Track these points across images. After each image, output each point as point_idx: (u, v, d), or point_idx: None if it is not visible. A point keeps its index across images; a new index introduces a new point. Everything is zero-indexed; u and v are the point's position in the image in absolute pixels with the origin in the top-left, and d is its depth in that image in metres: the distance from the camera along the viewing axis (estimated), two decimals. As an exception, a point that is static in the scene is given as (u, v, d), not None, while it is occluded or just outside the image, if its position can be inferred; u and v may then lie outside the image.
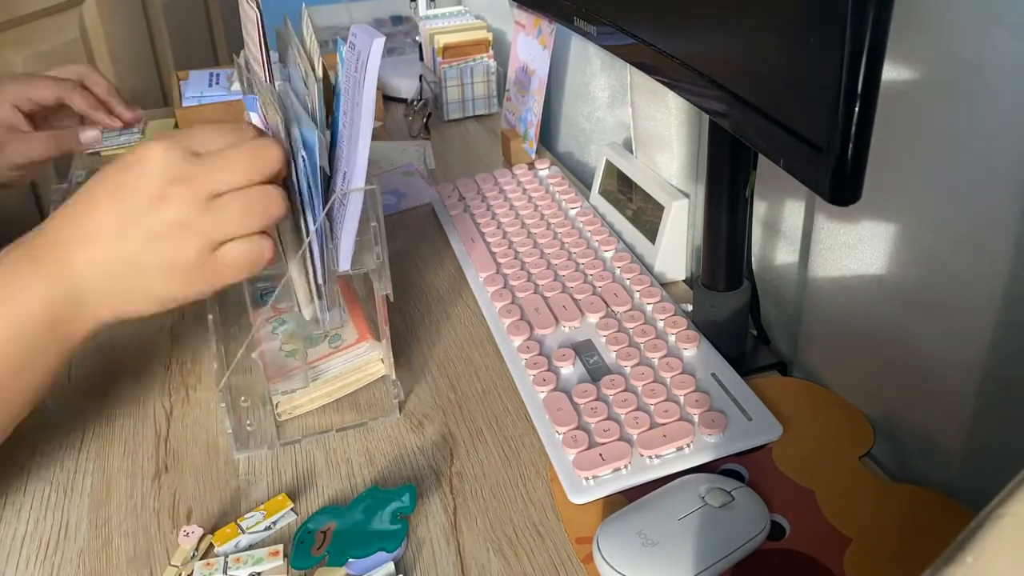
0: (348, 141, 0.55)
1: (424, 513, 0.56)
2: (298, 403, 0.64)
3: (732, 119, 0.51)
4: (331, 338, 0.67)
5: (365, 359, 0.66)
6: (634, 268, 0.76)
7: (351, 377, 0.66)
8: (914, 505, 0.53)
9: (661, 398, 0.61)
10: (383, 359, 0.66)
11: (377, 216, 0.57)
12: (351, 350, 0.66)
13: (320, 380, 0.65)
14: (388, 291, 0.60)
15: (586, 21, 0.71)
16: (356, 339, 0.67)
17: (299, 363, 0.65)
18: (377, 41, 0.51)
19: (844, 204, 0.42)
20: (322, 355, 0.66)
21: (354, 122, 0.54)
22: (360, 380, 0.67)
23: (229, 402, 0.62)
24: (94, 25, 1.62)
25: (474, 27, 1.19)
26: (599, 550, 0.50)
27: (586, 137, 1.05)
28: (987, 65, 0.45)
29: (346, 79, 0.55)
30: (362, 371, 0.67)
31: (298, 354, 0.65)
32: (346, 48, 0.55)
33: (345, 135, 0.56)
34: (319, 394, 0.65)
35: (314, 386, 0.65)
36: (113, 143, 1.17)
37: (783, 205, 0.69)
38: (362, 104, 0.53)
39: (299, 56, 0.60)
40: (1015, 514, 0.25)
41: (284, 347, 0.67)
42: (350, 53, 0.54)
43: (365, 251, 0.59)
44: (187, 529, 0.54)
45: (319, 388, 0.65)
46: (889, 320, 0.57)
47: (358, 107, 0.53)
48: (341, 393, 0.66)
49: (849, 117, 0.40)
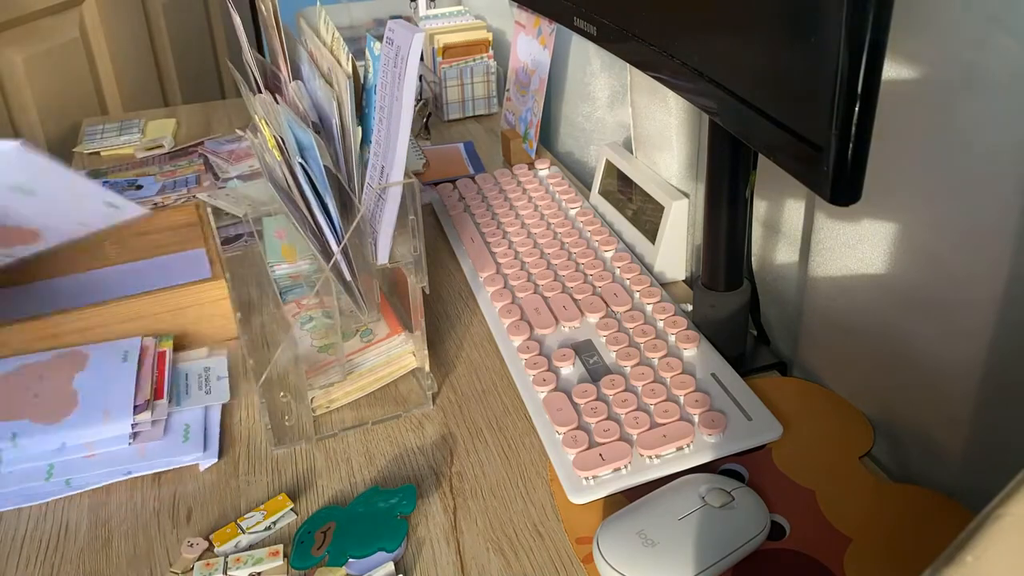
0: (387, 136, 0.55)
1: (424, 513, 0.56)
2: (334, 397, 0.65)
3: (732, 119, 0.51)
4: (363, 332, 0.68)
5: (398, 352, 0.67)
6: (634, 268, 0.76)
7: (384, 370, 0.67)
8: (914, 505, 0.53)
9: (661, 398, 0.61)
10: (415, 352, 0.67)
11: (416, 210, 0.58)
12: (383, 343, 0.67)
13: (355, 374, 0.66)
14: (424, 283, 0.61)
15: (586, 21, 0.71)
16: (388, 333, 0.68)
17: (333, 358, 0.65)
18: (417, 36, 0.51)
19: (844, 204, 0.42)
20: (356, 349, 0.67)
21: (393, 116, 0.54)
22: (393, 373, 0.67)
23: (269, 398, 0.62)
24: (94, 25, 1.62)
25: (474, 27, 1.19)
26: (599, 550, 0.50)
27: (586, 137, 1.05)
28: (987, 65, 0.45)
29: (383, 74, 0.55)
30: (395, 364, 0.67)
31: (332, 349, 0.66)
32: (382, 44, 0.54)
33: (383, 129, 0.55)
34: (354, 387, 0.66)
35: (349, 380, 0.65)
36: (112, 142, 1.17)
37: (783, 205, 0.69)
38: (402, 99, 0.53)
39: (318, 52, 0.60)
40: (1015, 514, 0.25)
41: (315, 343, 0.68)
42: (388, 48, 0.54)
43: (402, 244, 0.60)
44: (192, 540, 0.54)
45: (354, 382, 0.66)
46: (889, 320, 0.57)
47: (398, 102, 0.53)
48: (375, 386, 0.67)
49: (849, 117, 0.40)
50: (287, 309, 0.69)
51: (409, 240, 0.59)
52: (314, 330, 0.69)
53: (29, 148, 0.57)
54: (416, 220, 0.58)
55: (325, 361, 0.66)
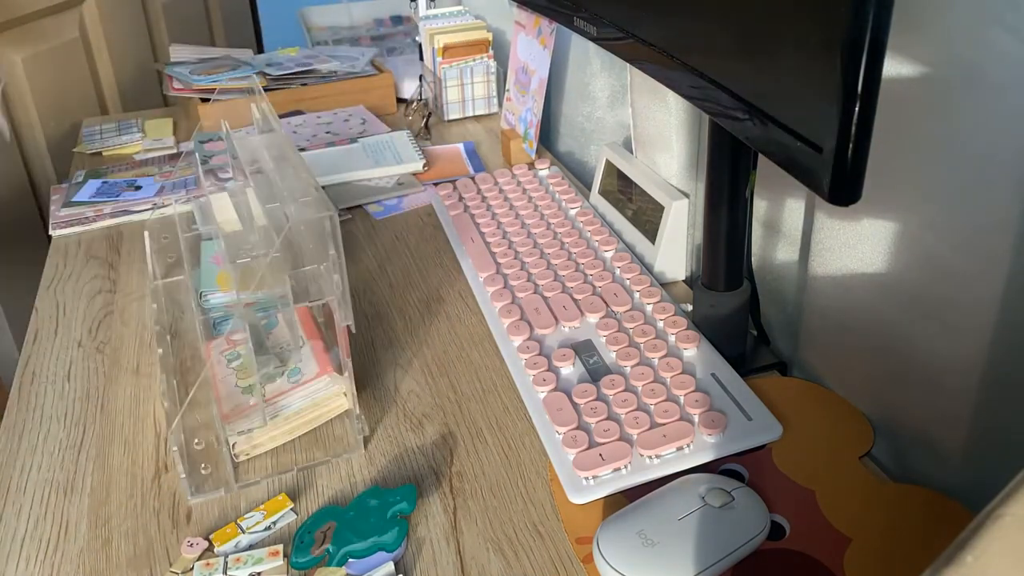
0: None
1: (424, 513, 0.56)
2: (257, 442, 0.61)
3: (732, 119, 0.51)
4: (290, 372, 0.64)
5: (326, 394, 0.63)
6: (634, 268, 0.76)
7: (312, 413, 0.63)
8: (914, 505, 0.53)
9: (661, 398, 0.61)
10: (346, 393, 0.63)
11: (336, 245, 0.55)
12: (311, 384, 0.63)
13: (280, 417, 0.62)
14: (350, 321, 0.58)
15: (586, 21, 0.71)
16: (317, 373, 0.63)
17: (256, 400, 0.61)
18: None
19: (844, 204, 0.42)
20: (281, 391, 0.63)
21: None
22: (322, 416, 0.64)
23: (182, 444, 0.59)
24: (94, 25, 1.62)
25: (474, 27, 1.19)
26: (599, 550, 0.50)
27: (586, 137, 1.05)
28: (987, 65, 0.45)
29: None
30: (324, 406, 0.63)
31: (255, 390, 0.62)
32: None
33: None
34: (279, 432, 0.62)
35: (273, 424, 0.61)
36: (113, 143, 1.17)
37: (783, 205, 0.69)
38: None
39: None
40: (1015, 514, 0.25)
41: (239, 383, 0.63)
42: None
43: (324, 280, 0.57)
44: (192, 540, 0.54)
45: (279, 426, 0.62)
46: (889, 320, 0.57)
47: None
48: (302, 431, 0.63)
49: (849, 117, 0.40)
50: (215, 344, 0.65)
51: (332, 276, 0.56)
52: (240, 369, 0.65)
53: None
54: (337, 255, 0.55)
55: (248, 404, 0.62)
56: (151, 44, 1.82)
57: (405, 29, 1.66)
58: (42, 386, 0.71)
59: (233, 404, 0.62)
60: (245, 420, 0.61)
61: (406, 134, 1.11)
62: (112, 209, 0.97)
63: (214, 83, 1.17)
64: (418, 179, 1.02)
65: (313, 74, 1.24)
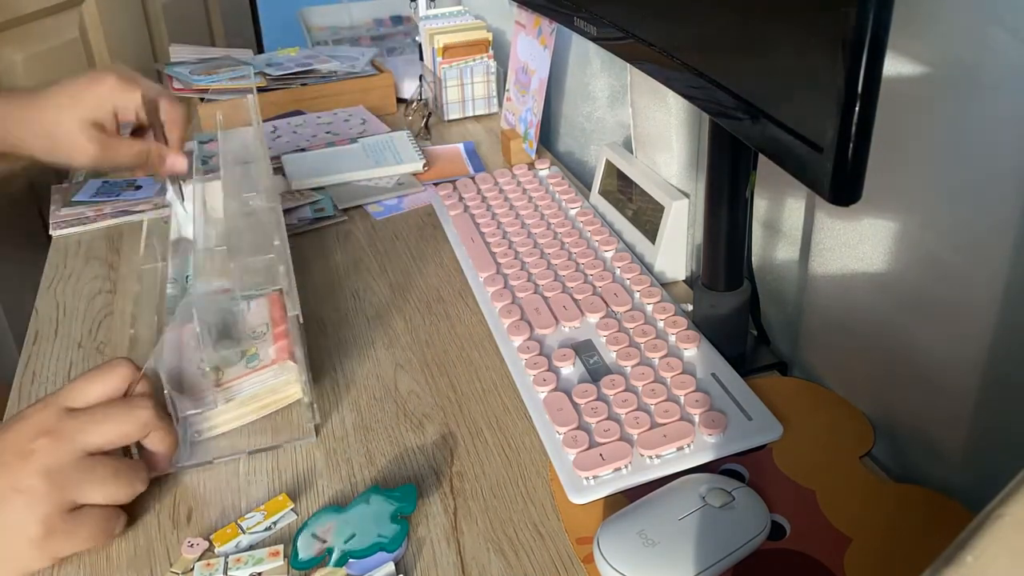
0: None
1: (424, 513, 0.56)
2: (213, 423, 0.63)
3: (732, 119, 0.51)
4: (249, 358, 0.64)
5: (282, 380, 0.64)
6: (634, 268, 0.76)
7: (266, 399, 0.64)
8: (914, 505, 0.53)
9: (661, 398, 0.61)
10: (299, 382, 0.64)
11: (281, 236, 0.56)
12: (265, 371, 0.63)
13: (235, 401, 0.63)
14: (297, 311, 0.59)
15: (586, 21, 0.71)
16: (272, 360, 0.64)
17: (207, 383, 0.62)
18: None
19: (844, 204, 0.42)
20: (239, 375, 0.63)
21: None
22: (278, 402, 0.64)
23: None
24: (94, 25, 1.62)
25: (474, 27, 1.19)
26: (599, 550, 0.50)
27: (586, 137, 1.05)
28: (987, 65, 0.45)
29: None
30: (279, 393, 0.64)
31: (207, 374, 0.63)
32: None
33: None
34: (231, 415, 0.63)
35: (227, 407, 0.63)
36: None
37: (783, 205, 0.69)
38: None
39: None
40: (1015, 514, 0.25)
41: (200, 365, 0.64)
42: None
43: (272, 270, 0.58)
44: (192, 541, 0.54)
45: (231, 409, 0.63)
46: (889, 320, 0.57)
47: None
48: (255, 416, 0.64)
49: (849, 117, 0.40)
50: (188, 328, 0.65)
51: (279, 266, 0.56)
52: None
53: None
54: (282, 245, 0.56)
55: (203, 386, 0.62)
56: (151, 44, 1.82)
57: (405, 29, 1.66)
58: (42, 386, 0.70)
59: (192, 385, 0.63)
60: (197, 401, 0.62)
61: (406, 134, 1.11)
62: (112, 209, 0.97)
63: (214, 83, 1.17)
64: (418, 179, 1.02)
65: (313, 74, 1.24)
